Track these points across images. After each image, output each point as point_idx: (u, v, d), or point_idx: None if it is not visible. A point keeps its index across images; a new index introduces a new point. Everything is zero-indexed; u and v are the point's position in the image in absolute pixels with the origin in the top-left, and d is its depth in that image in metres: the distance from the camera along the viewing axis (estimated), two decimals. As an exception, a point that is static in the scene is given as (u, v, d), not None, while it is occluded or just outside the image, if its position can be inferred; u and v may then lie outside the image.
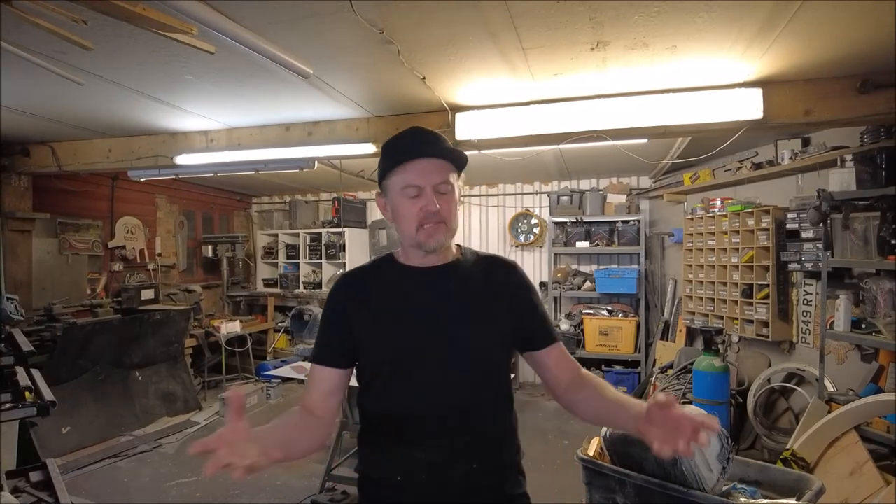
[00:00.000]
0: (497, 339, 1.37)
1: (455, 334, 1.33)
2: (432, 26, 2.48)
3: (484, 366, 1.36)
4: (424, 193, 1.30)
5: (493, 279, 1.41)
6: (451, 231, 1.35)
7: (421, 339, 1.34)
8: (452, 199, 1.34)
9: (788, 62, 2.88)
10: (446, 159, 1.34)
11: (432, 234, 1.31)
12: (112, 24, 2.22)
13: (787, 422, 4.16)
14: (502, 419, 1.40)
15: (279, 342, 7.44)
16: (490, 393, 1.37)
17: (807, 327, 4.14)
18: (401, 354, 1.34)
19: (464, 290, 1.38)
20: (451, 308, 1.36)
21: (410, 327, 1.35)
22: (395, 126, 3.86)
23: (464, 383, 1.33)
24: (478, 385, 1.35)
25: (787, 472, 2.39)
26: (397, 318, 1.36)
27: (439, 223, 1.31)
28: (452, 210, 1.34)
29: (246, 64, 2.89)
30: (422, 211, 1.30)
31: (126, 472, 4.22)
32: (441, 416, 1.31)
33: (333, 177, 5.86)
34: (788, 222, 4.03)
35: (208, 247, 7.45)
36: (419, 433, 1.32)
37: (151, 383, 5.28)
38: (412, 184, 1.31)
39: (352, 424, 3.64)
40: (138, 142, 4.55)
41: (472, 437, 1.32)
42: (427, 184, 1.30)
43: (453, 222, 1.35)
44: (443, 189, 1.32)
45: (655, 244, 6.49)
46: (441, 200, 1.31)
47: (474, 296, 1.38)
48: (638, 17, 2.36)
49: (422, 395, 1.33)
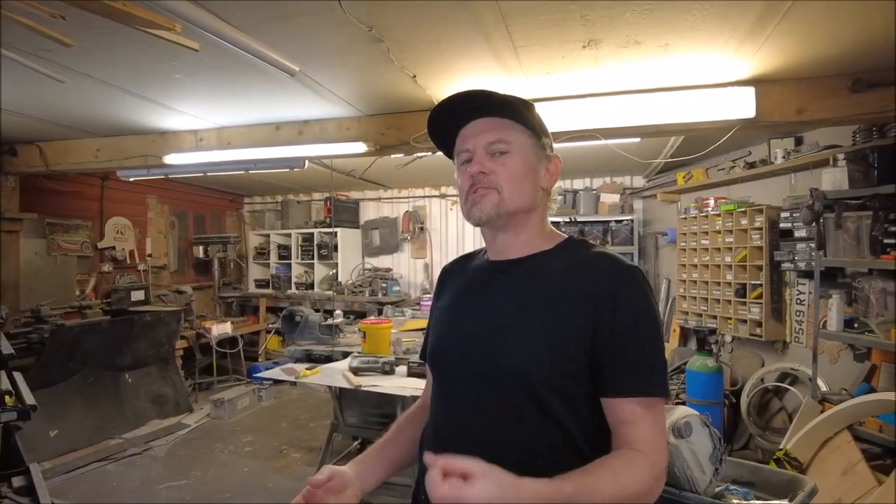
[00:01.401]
0: (552, 364, 1.00)
1: (495, 346, 1.06)
2: (422, 24, 2.45)
3: (526, 393, 1.01)
4: (475, 157, 1.10)
5: (585, 283, 1.05)
6: (507, 199, 1.07)
7: (460, 346, 1.12)
8: (511, 162, 1.08)
9: (780, 61, 2.87)
10: (500, 114, 1.10)
11: (476, 202, 1.08)
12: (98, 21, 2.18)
13: (780, 422, 4.16)
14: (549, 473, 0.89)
15: (271, 343, 7.40)
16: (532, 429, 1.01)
17: (800, 327, 4.14)
18: (440, 362, 1.18)
19: (532, 291, 1.08)
20: (503, 311, 1.09)
21: (456, 330, 1.15)
22: (386, 125, 3.83)
23: (493, 407, 1.04)
24: (515, 414, 1.02)
25: (779, 473, 2.38)
26: (449, 318, 1.19)
27: (488, 189, 1.07)
28: (510, 173, 1.07)
29: (235, 62, 2.85)
30: (469, 174, 1.10)
31: (115, 476, 4.17)
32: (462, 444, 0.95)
33: (325, 176, 5.83)
34: (782, 222, 4.03)
35: (199, 247, 7.40)
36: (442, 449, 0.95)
37: (142, 385, 5.23)
38: (460, 150, 1.13)
39: (342, 426, 3.60)
40: (127, 141, 4.50)
41: None
42: (477, 144, 1.09)
43: (511, 189, 1.07)
44: (497, 148, 1.08)
45: (649, 244, 6.49)
46: (496, 164, 1.08)
47: (543, 300, 1.06)
48: (630, 14, 2.34)
49: (453, 413, 1.11)
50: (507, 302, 1.09)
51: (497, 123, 1.09)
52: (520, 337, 1.04)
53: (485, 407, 1.05)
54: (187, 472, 4.21)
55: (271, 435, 4.99)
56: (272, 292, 7.66)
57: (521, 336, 1.04)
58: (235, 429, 5.17)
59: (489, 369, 1.05)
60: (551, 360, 1.00)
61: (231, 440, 4.88)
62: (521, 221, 1.12)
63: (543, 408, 1.00)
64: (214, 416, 5.42)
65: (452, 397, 1.11)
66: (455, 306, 1.19)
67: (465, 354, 1.09)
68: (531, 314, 1.05)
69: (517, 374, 1.01)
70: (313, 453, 4.41)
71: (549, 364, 1.00)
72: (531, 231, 1.14)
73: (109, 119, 4.03)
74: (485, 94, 1.10)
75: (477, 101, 1.11)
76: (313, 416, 5.45)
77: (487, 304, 1.12)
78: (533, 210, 1.13)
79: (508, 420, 1.02)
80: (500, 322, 1.07)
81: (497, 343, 1.05)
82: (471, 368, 1.08)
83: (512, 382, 1.02)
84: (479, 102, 1.11)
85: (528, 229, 1.13)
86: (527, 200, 1.10)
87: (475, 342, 1.09)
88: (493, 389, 1.04)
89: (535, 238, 1.14)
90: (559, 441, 1.00)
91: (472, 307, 1.14)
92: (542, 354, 1.01)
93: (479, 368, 1.06)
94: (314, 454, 4.34)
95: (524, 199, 1.09)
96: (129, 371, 5.15)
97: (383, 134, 3.85)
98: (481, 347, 1.07)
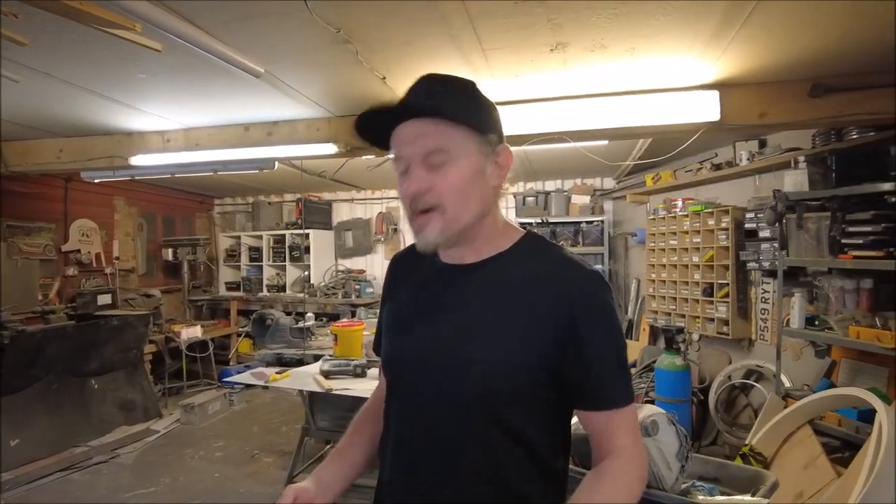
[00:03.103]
0: (515, 377, 0.98)
1: (455, 358, 1.01)
2: (390, 26, 2.44)
3: (489, 405, 0.99)
4: (411, 170, 0.98)
5: (545, 291, 1.00)
6: (452, 218, 0.97)
7: (414, 356, 1.07)
8: (453, 172, 0.96)
9: (743, 66, 2.94)
10: (433, 114, 0.96)
11: (420, 227, 0.99)
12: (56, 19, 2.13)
13: (747, 417, 4.25)
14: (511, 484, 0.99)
15: (242, 347, 7.30)
16: (492, 442, 0.99)
17: (765, 325, 4.24)
18: (401, 372, 1.11)
19: (493, 301, 1.01)
20: (461, 320, 1.02)
21: (415, 340, 1.07)
22: (357, 127, 3.81)
23: (452, 420, 1.01)
24: (474, 427, 0.99)
25: (743, 469, 2.43)
26: (406, 325, 1.12)
27: (430, 213, 0.97)
28: (452, 185, 0.96)
29: (201, 63, 2.80)
30: (406, 193, 0.99)
31: (80, 485, 4.07)
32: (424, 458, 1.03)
33: (296, 177, 5.77)
34: (747, 222, 4.11)
35: (169, 250, 7.28)
36: (403, 463, 1.07)
37: (109, 391, 5.10)
38: (398, 157, 1.00)
39: (313, 430, 3.57)
40: (92, 142, 4.39)
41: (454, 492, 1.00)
42: (412, 153, 0.98)
43: (455, 204, 0.97)
44: (436, 160, 0.96)
45: (619, 244, 6.58)
46: (436, 177, 0.96)
47: (506, 311, 1.00)
48: (596, 18, 2.36)
49: (409, 420, 1.07)
50: (468, 311, 1.03)
51: (434, 128, 0.96)
52: (482, 349, 0.99)
53: (447, 419, 1.01)
54: (156, 480, 4.12)
55: (243, 439, 4.92)
56: (243, 295, 7.56)
57: (484, 348, 0.99)
58: (206, 434, 5.09)
59: (451, 383, 1.00)
60: (514, 374, 0.98)
61: (202, 445, 4.80)
62: (473, 232, 1.03)
63: (505, 420, 0.99)
64: (185, 421, 5.32)
65: (414, 408, 1.06)
66: (411, 311, 1.12)
67: (426, 366, 1.04)
68: (493, 326, 1.00)
69: (480, 387, 0.98)
70: (285, 457, 4.36)
71: (512, 378, 0.98)
72: (486, 234, 1.06)
73: (72, 119, 3.93)
74: (420, 90, 0.99)
75: (414, 102, 0.98)
76: (286, 420, 5.39)
77: (447, 312, 1.05)
78: (486, 215, 1.04)
79: (470, 432, 1.00)
80: (460, 334, 1.02)
81: (459, 356, 1.00)
82: (432, 381, 1.03)
83: (474, 396, 0.99)
84: (416, 104, 0.98)
85: (483, 234, 1.05)
86: (476, 210, 1.01)
87: (436, 354, 1.03)
88: (455, 403, 1.00)
89: (490, 239, 1.06)
90: (521, 452, 1.00)
91: (431, 315, 1.07)
92: (504, 369, 0.98)
93: (441, 382, 1.02)
94: (286, 458, 4.29)
95: (473, 211, 1.00)
96: (96, 377, 5.02)
97: (354, 135, 3.80)
98: (442, 360, 1.02)
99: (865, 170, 3.12)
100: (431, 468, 1.01)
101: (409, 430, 1.06)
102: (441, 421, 1.01)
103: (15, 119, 3.89)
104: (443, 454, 1.01)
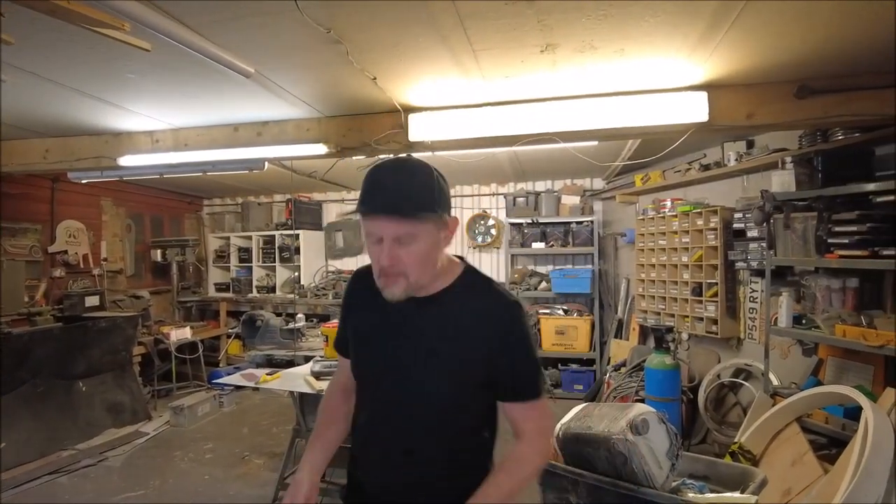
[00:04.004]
0: (460, 385, 1.34)
1: (414, 374, 1.34)
2: (381, 26, 2.44)
3: (438, 408, 1.35)
4: (385, 246, 1.24)
5: (479, 320, 1.34)
6: (414, 282, 1.27)
7: (383, 369, 1.38)
8: (416, 249, 1.25)
9: (731, 67, 2.97)
10: (409, 217, 1.22)
11: (387, 286, 1.28)
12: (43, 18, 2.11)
13: (736, 416, 4.29)
14: (460, 468, 1.37)
15: (232, 348, 7.26)
16: (446, 438, 1.36)
17: (753, 324, 4.27)
18: (366, 376, 1.44)
19: (440, 328, 1.34)
20: (418, 343, 1.35)
21: (378, 353, 1.40)
22: (347, 127, 3.81)
23: (416, 422, 1.36)
24: (431, 428, 1.36)
25: (733, 466, 2.46)
26: (371, 339, 1.42)
27: (397, 276, 1.26)
28: (415, 260, 1.25)
29: (190, 62, 2.79)
30: (378, 262, 1.27)
31: (68, 489, 4.03)
32: (387, 449, 1.38)
33: (285, 178, 5.74)
34: (735, 222, 4.15)
35: (157, 251, 7.22)
36: (372, 454, 1.43)
37: (97, 394, 5.05)
38: (371, 232, 1.26)
39: (304, 431, 3.56)
40: (79, 142, 4.35)
41: (420, 477, 1.37)
42: (386, 235, 1.23)
43: (417, 272, 1.27)
44: (405, 241, 1.23)
45: (609, 244, 6.61)
46: (403, 252, 1.24)
47: (449, 336, 1.33)
48: (585, 20, 2.38)
49: (377, 422, 1.41)
50: (423, 337, 1.34)
51: (406, 220, 1.22)
52: (435, 366, 1.32)
53: (412, 422, 1.35)
54: (145, 483, 4.09)
55: (233, 441, 4.90)
56: (233, 296, 7.51)
57: (437, 365, 1.32)
58: (196, 436, 5.05)
59: (414, 394, 1.34)
60: (461, 383, 1.33)
61: (191, 448, 4.77)
62: (426, 284, 1.33)
63: (457, 416, 1.36)
64: (174, 423, 5.28)
65: (384, 413, 1.39)
66: (377, 333, 1.41)
67: (391, 381, 1.36)
68: (442, 348, 1.33)
69: (438, 395, 1.34)
70: (276, 459, 4.34)
71: (459, 386, 1.34)
72: (434, 278, 1.35)
73: (59, 119, 3.89)
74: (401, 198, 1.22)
75: (392, 205, 1.22)
76: (276, 422, 5.37)
77: (405, 336, 1.36)
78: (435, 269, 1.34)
79: (431, 429, 1.35)
80: (417, 354, 1.34)
81: (416, 373, 1.34)
82: (398, 392, 1.36)
83: (433, 402, 1.34)
84: (393, 206, 1.22)
85: (432, 279, 1.34)
86: (431, 272, 1.32)
87: (397, 370, 1.35)
88: (418, 408, 1.35)
89: (438, 277, 1.36)
90: (471, 438, 1.39)
91: (393, 337, 1.37)
92: (451, 378, 1.33)
93: (406, 392, 1.35)
94: (277, 460, 4.27)
95: (429, 274, 1.31)
96: (83, 379, 4.96)
97: (344, 136, 3.82)
98: (403, 374, 1.34)
99: (851, 170, 3.16)
100: (398, 446, 1.37)
101: (382, 433, 1.39)
102: (410, 423, 1.36)
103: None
104: (415, 452, 1.35)
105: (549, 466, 2.34)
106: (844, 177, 3.11)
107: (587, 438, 2.23)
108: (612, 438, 2.10)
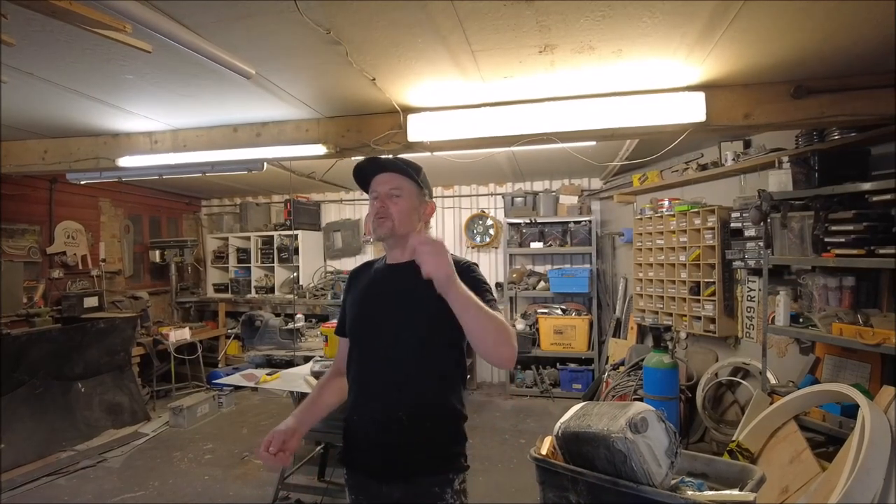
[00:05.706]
0: (428, 323, 1.64)
1: (397, 318, 1.69)
2: (380, 27, 2.45)
3: (415, 342, 1.66)
4: (380, 197, 1.69)
5: None
6: (396, 226, 1.67)
7: (374, 320, 1.72)
8: (401, 203, 1.68)
9: (728, 68, 2.99)
10: (397, 171, 1.70)
11: (378, 226, 1.69)
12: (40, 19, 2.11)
13: (733, 414, 4.31)
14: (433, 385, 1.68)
15: (231, 349, 7.26)
16: (424, 364, 1.67)
17: (751, 323, 4.29)
18: (359, 330, 1.76)
19: (414, 283, 1.55)
20: (399, 295, 1.71)
21: (369, 309, 1.75)
22: (346, 127, 3.81)
23: (399, 356, 1.67)
24: (410, 359, 1.67)
25: (731, 464, 2.47)
26: (364, 302, 1.77)
27: (386, 218, 1.68)
28: (399, 210, 1.68)
29: (189, 63, 2.80)
30: (375, 209, 1.69)
31: (67, 490, 4.03)
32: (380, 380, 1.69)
33: (284, 179, 5.75)
34: (732, 221, 4.16)
35: (156, 252, 7.20)
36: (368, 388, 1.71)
37: (96, 395, 5.05)
38: (372, 189, 1.72)
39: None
40: (77, 143, 4.35)
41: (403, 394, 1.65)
42: (381, 189, 1.69)
43: (398, 219, 1.68)
44: (394, 193, 1.69)
45: (607, 244, 6.63)
46: (391, 203, 1.68)
47: (419, 287, 1.53)
48: (584, 20, 2.39)
49: (368, 363, 1.71)
50: (403, 290, 1.68)
51: (396, 177, 1.70)
52: (413, 311, 1.67)
53: (396, 356, 1.66)
54: (144, 483, 4.10)
55: (232, 442, 4.90)
56: (231, 297, 7.51)
57: (415, 310, 1.66)
58: (195, 437, 5.06)
59: (397, 332, 1.67)
60: (432, 321, 1.62)
61: (190, 448, 4.77)
62: (404, 240, 1.72)
63: (432, 346, 1.67)
64: (173, 424, 5.28)
65: (372, 353, 1.70)
66: (367, 296, 1.78)
67: (379, 326, 1.70)
68: (420, 296, 1.58)
69: (415, 332, 1.66)
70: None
71: (433, 321, 1.61)
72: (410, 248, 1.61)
73: (57, 120, 3.89)
74: (391, 161, 1.73)
75: (387, 164, 1.72)
76: (275, 422, 5.29)
77: (391, 292, 1.73)
78: (413, 232, 1.73)
79: (412, 359, 1.66)
80: (400, 304, 1.69)
81: (400, 316, 1.68)
82: (385, 334, 1.68)
83: (411, 337, 1.66)
84: (388, 165, 1.72)
85: (410, 245, 1.61)
86: (409, 227, 1.72)
87: (385, 317, 1.70)
88: (400, 344, 1.66)
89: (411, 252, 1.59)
90: (445, 361, 1.70)
91: (380, 294, 1.75)
92: (427, 320, 1.64)
93: (391, 333, 1.67)
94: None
95: (408, 227, 1.71)
96: (82, 380, 4.97)
97: (343, 136, 3.82)
98: (390, 320, 1.69)
99: (847, 170, 3.18)
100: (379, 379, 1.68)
101: (372, 367, 1.70)
102: (393, 358, 1.67)
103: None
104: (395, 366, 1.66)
105: (549, 465, 2.35)
106: (841, 176, 3.13)
107: (586, 437, 2.24)
108: (611, 437, 2.11)
